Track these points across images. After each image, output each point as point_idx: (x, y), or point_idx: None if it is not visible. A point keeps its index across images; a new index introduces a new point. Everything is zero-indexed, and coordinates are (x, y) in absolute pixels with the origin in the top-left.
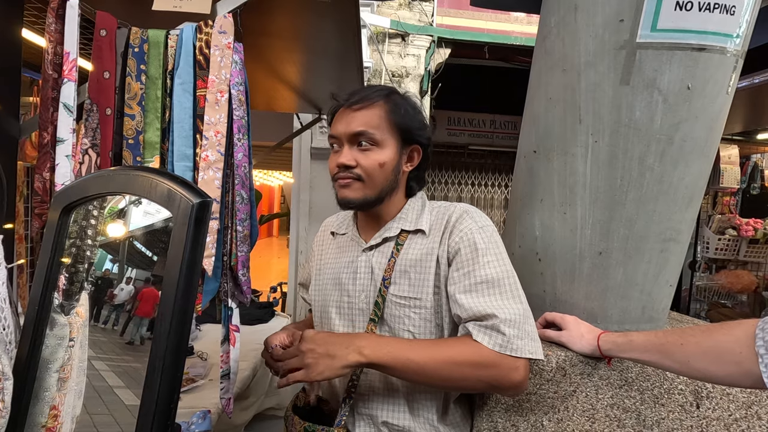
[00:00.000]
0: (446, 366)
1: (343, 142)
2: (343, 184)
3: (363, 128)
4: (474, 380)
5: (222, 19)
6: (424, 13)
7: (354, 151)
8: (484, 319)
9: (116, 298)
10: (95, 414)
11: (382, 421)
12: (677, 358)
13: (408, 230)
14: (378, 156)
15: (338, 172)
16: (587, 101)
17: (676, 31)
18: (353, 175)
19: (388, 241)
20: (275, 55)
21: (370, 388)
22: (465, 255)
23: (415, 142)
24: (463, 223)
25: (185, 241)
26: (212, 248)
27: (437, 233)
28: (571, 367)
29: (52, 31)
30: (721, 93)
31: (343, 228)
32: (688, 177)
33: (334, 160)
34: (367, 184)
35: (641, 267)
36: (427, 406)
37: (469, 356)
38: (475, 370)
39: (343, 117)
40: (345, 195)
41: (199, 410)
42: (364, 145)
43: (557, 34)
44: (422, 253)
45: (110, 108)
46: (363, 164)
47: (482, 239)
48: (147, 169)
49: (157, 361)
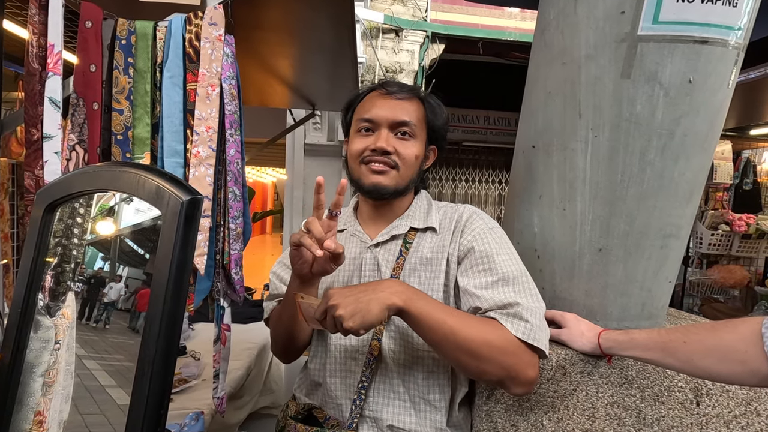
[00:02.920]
0: (476, 341)
1: (380, 127)
2: (378, 170)
3: (408, 118)
4: (495, 364)
5: (212, 10)
6: (418, 8)
7: (393, 139)
8: (506, 307)
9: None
10: (87, 414)
11: (388, 425)
12: (680, 357)
13: (417, 228)
14: (414, 149)
15: (371, 155)
16: (587, 95)
17: (678, 23)
18: (391, 162)
19: (395, 238)
20: (268, 49)
21: (376, 389)
22: (479, 254)
23: (436, 143)
24: (475, 223)
25: (174, 239)
26: (204, 247)
27: (448, 232)
28: (572, 366)
29: (36, 22)
30: (723, 86)
31: (341, 223)
32: (689, 172)
33: (366, 142)
34: (401, 174)
35: (641, 263)
36: (432, 408)
37: (497, 338)
38: (499, 354)
39: (384, 103)
40: (379, 181)
41: (192, 412)
42: (404, 135)
43: (557, 26)
44: (434, 251)
45: (97, 102)
46: (402, 152)
47: (494, 239)
48: (134, 166)
49: (146, 366)
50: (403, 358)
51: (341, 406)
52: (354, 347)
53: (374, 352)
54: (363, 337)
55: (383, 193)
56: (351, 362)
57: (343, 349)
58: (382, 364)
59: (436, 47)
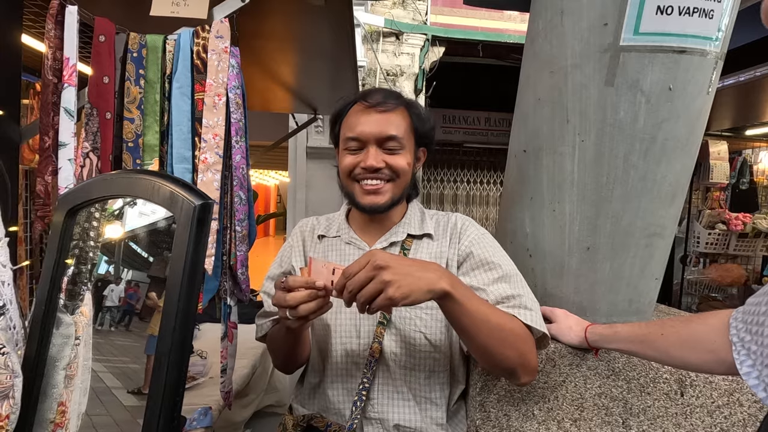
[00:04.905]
0: (505, 327)
1: (368, 144)
2: (371, 190)
3: (395, 132)
4: (515, 350)
5: (219, 23)
6: (418, 12)
7: (381, 153)
8: (510, 299)
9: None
10: (94, 415)
11: (395, 425)
12: (658, 348)
13: (414, 234)
14: (405, 159)
15: (362, 173)
16: (574, 102)
17: (658, 34)
18: (384, 176)
19: (394, 245)
20: (271, 57)
21: (380, 391)
22: (479, 255)
23: (424, 145)
24: (469, 229)
25: (188, 241)
26: (212, 248)
27: (444, 238)
28: (560, 358)
29: (52, 36)
30: (702, 93)
31: (334, 230)
32: (671, 174)
33: (355, 161)
34: (396, 185)
35: (627, 261)
36: (434, 405)
37: (511, 325)
38: (518, 340)
39: (368, 118)
40: (374, 201)
41: (200, 407)
42: (393, 149)
43: (545, 36)
44: (432, 256)
45: (110, 112)
46: (393, 164)
47: (488, 244)
48: (149, 172)
49: (163, 358)
50: (404, 360)
51: (342, 410)
52: (355, 351)
53: (375, 355)
54: (363, 341)
55: (380, 211)
56: (352, 366)
57: (345, 353)
58: (383, 366)
59: (436, 50)
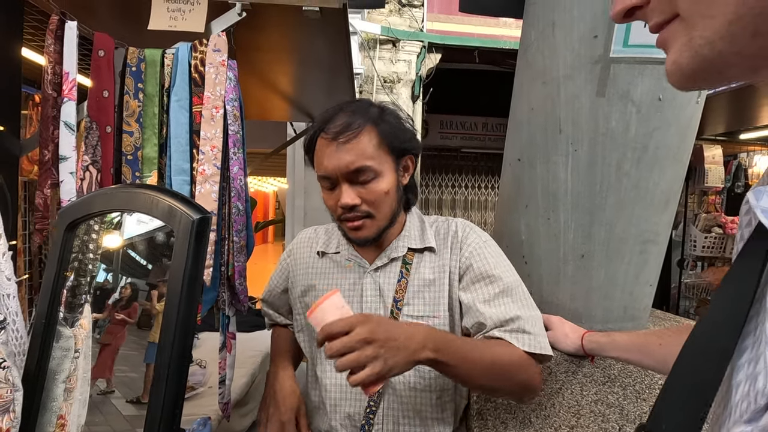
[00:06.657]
0: (495, 366)
1: (338, 181)
2: (354, 227)
3: (361, 163)
4: (512, 382)
5: (216, 37)
6: (415, 19)
7: (355, 188)
8: (509, 323)
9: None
10: (93, 425)
11: None
12: (656, 357)
13: (415, 248)
14: (381, 185)
15: (342, 212)
16: (567, 112)
17: (646, 46)
18: (362, 213)
19: (394, 261)
20: (268, 68)
21: (385, 416)
22: (478, 268)
23: (408, 153)
24: (470, 237)
25: (187, 255)
26: (210, 259)
27: (446, 249)
28: (557, 366)
29: (51, 51)
30: (691, 103)
31: (333, 246)
32: (663, 182)
33: (333, 199)
34: (378, 218)
35: (622, 268)
36: (442, 422)
37: (509, 357)
38: (514, 372)
39: (332, 152)
40: (361, 236)
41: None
42: (364, 180)
43: (537, 47)
44: (435, 271)
45: (110, 126)
46: (369, 199)
47: (490, 253)
48: (148, 187)
49: (163, 369)
50: (413, 381)
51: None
52: None
53: None
54: None
55: (371, 242)
56: (356, 391)
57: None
58: (390, 390)
59: (432, 57)
